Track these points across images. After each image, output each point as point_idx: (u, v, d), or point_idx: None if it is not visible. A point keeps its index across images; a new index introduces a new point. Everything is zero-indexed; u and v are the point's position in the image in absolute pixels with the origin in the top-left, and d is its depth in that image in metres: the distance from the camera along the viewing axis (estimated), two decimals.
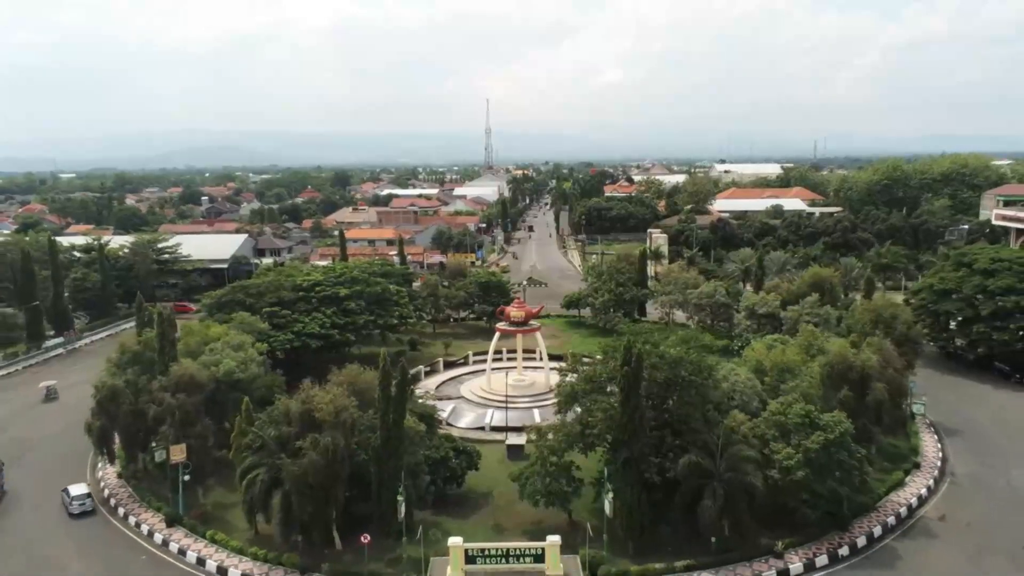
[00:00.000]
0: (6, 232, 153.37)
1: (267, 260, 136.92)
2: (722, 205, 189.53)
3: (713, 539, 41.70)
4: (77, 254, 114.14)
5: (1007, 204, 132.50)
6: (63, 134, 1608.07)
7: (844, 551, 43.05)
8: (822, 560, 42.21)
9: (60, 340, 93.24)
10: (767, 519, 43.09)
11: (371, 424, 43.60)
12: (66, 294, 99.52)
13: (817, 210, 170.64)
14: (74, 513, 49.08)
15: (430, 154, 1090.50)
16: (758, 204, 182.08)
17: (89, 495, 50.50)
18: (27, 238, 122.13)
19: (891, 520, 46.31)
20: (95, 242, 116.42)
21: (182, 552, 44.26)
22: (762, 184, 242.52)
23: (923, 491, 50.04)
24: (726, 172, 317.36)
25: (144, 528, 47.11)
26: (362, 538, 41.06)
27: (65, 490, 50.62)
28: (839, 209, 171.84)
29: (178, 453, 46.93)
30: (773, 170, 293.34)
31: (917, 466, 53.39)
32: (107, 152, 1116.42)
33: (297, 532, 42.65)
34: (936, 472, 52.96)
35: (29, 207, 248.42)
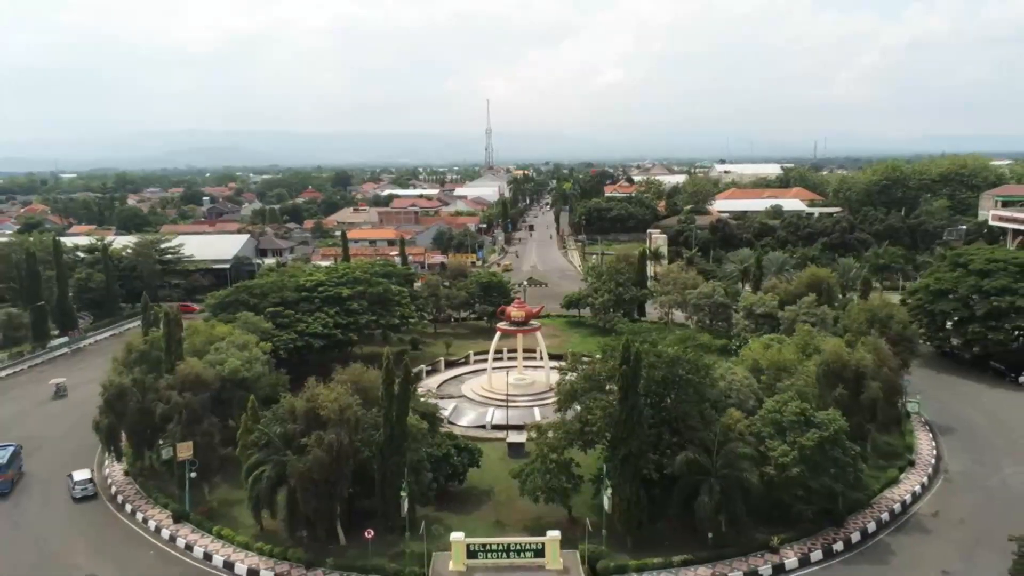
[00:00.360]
0: (9, 233, 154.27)
1: (269, 260, 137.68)
2: (722, 205, 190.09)
3: (710, 534, 42.42)
4: (81, 254, 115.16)
5: (1005, 205, 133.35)
6: (64, 134, 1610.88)
7: (839, 546, 43.79)
8: (817, 555, 42.92)
9: (65, 340, 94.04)
10: (763, 515, 43.81)
11: (374, 422, 44.26)
12: (70, 294, 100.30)
13: (816, 210, 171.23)
14: (76, 497, 51.10)
15: (430, 154, 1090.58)
16: (758, 204, 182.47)
17: (91, 480, 52.79)
18: (31, 239, 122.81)
19: (885, 516, 47.06)
20: (99, 242, 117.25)
21: (189, 547, 45.07)
22: (762, 184, 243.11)
23: (917, 488, 50.80)
24: (726, 172, 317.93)
25: (151, 524, 47.91)
26: (366, 533, 41.90)
27: (69, 475, 52.96)
28: (838, 209, 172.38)
29: (185, 450, 47.64)
30: (773, 170, 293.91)
31: (911, 463, 54.13)
32: (108, 152, 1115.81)
33: (302, 527, 43.49)
34: (930, 469, 53.75)
35: (31, 207, 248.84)
